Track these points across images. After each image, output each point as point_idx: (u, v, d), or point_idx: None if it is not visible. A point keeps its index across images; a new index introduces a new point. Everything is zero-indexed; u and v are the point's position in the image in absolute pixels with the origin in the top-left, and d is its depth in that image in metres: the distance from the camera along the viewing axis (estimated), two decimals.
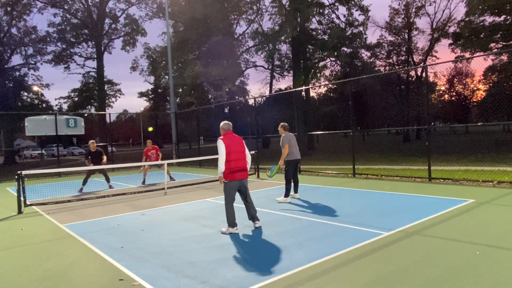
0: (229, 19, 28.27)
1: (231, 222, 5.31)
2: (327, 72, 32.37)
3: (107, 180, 11.13)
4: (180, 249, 4.67)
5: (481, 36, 23.25)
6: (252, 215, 5.57)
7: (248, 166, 5.61)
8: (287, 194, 7.59)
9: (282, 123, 7.80)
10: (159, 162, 11.33)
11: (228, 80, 26.16)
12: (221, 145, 5.31)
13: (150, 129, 12.06)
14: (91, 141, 11.10)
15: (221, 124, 5.66)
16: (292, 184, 7.88)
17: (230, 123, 5.73)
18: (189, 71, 24.91)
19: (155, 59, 40.43)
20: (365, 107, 30.47)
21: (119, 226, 6.15)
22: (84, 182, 10.77)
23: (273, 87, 39.13)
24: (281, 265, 3.89)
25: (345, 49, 28.38)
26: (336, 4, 25.87)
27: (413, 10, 36.61)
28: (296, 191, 8.00)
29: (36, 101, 34.72)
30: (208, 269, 3.90)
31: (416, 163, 13.54)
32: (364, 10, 25.67)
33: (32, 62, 31.02)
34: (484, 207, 6.24)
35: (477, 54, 22.96)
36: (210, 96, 29.57)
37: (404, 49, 38.69)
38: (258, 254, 4.33)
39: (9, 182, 14.46)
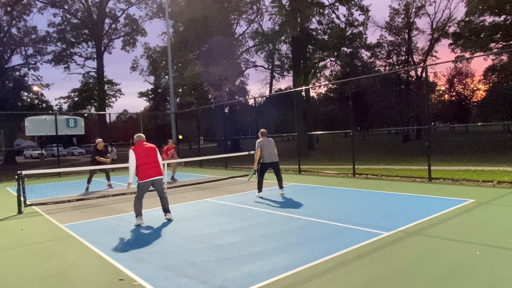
0: (229, 19, 28.26)
1: (139, 213, 6.14)
2: (327, 72, 32.41)
3: (108, 178, 11.20)
4: (180, 249, 4.67)
5: (481, 36, 23.25)
6: (164, 208, 6.45)
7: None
8: (259, 190, 8.33)
9: (261, 130, 8.46)
10: (170, 161, 11.53)
11: (228, 80, 26.15)
12: (131, 154, 6.17)
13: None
14: (99, 139, 11.06)
15: (134, 136, 6.48)
16: (277, 181, 8.53)
17: (142, 134, 6.50)
18: (189, 71, 24.89)
19: (155, 59, 40.40)
20: (365, 107, 30.51)
21: (119, 226, 6.15)
22: (89, 181, 10.86)
23: (273, 87, 39.16)
24: (281, 265, 3.89)
25: (345, 49, 28.41)
26: (336, 4, 25.91)
27: (413, 10, 36.62)
28: (280, 187, 8.49)
29: (36, 101, 34.65)
30: (208, 269, 3.90)
31: (416, 163, 13.54)
32: (364, 10, 25.69)
33: (32, 62, 31.01)
34: (484, 207, 6.24)
35: (477, 54, 22.94)
36: (210, 96, 29.56)
37: (404, 49, 38.68)
38: (258, 254, 4.33)
39: (9, 182, 14.46)
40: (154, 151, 6.40)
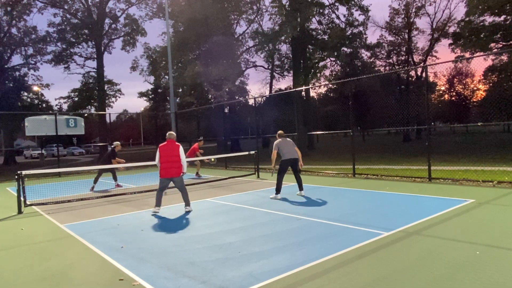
0: (229, 19, 28.25)
1: (158, 204, 7.02)
2: (327, 72, 32.39)
3: (115, 178, 11.37)
4: (180, 249, 4.67)
5: (481, 36, 23.24)
6: (183, 200, 7.23)
7: (184, 167, 7.20)
8: (277, 191, 8.14)
9: (278, 131, 8.53)
10: (193, 159, 11.94)
11: (228, 80, 26.14)
12: (157, 151, 7.11)
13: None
14: (117, 142, 11.29)
15: (167, 134, 7.34)
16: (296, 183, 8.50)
17: (173, 133, 7.37)
18: (189, 71, 24.88)
19: (155, 59, 40.38)
20: (365, 107, 30.48)
21: (119, 226, 6.16)
22: (96, 181, 10.96)
23: (273, 87, 39.11)
24: (281, 265, 3.89)
25: (345, 49, 28.36)
26: (336, 4, 25.87)
27: (413, 10, 36.60)
28: (300, 188, 8.43)
29: (36, 101, 34.62)
30: (208, 269, 3.90)
31: (416, 163, 13.54)
32: (364, 10, 25.67)
33: (32, 62, 30.97)
34: (484, 207, 6.24)
35: (477, 54, 22.94)
36: (210, 96, 29.55)
37: (404, 49, 38.66)
38: (258, 254, 4.33)
39: (9, 182, 14.46)
40: (177, 150, 7.08)
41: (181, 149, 7.13)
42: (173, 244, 4.91)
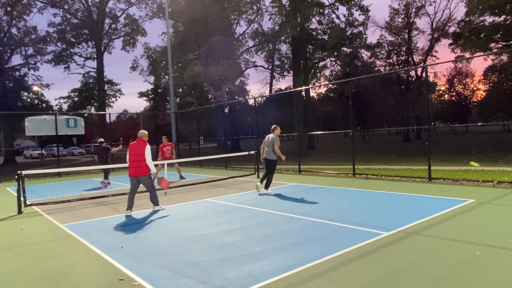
0: (229, 19, 28.25)
1: (128, 207, 7.08)
2: (327, 72, 32.36)
3: (105, 177, 11.35)
4: (180, 249, 4.67)
5: (481, 36, 23.24)
6: (152, 201, 7.38)
7: (151, 169, 7.11)
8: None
9: (278, 126, 8.99)
10: (171, 161, 11.55)
11: (228, 80, 26.14)
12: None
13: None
14: (101, 139, 11.81)
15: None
16: (261, 177, 9.22)
17: (144, 132, 7.24)
18: (189, 71, 24.88)
19: (155, 59, 40.38)
20: (365, 107, 30.49)
21: (119, 226, 6.16)
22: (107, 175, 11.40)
23: (273, 87, 39.12)
24: (281, 265, 3.89)
25: (345, 49, 28.38)
26: (336, 4, 25.89)
27: (413, 10, 36.60)
28: (262, 182, 9.01)
29: (36, 101, 34.61)
30: (208, 269, 3.90)
31: (416, 163, 13.53)
32: (364, 10, 25.69)
33: (32, 62, 30.99)
34: (484, 207, 6.24)
35: (477, 54, 22.93)
36: (210, 96, 29.56)
37: (404, 49, 38.66)
38: (258, 254, 4.33)
39: (9, 182, 14.46)
40: (143, 149, 7.03)
41: (147, 149, 7.02)
42: (173, 244, 4.90)
